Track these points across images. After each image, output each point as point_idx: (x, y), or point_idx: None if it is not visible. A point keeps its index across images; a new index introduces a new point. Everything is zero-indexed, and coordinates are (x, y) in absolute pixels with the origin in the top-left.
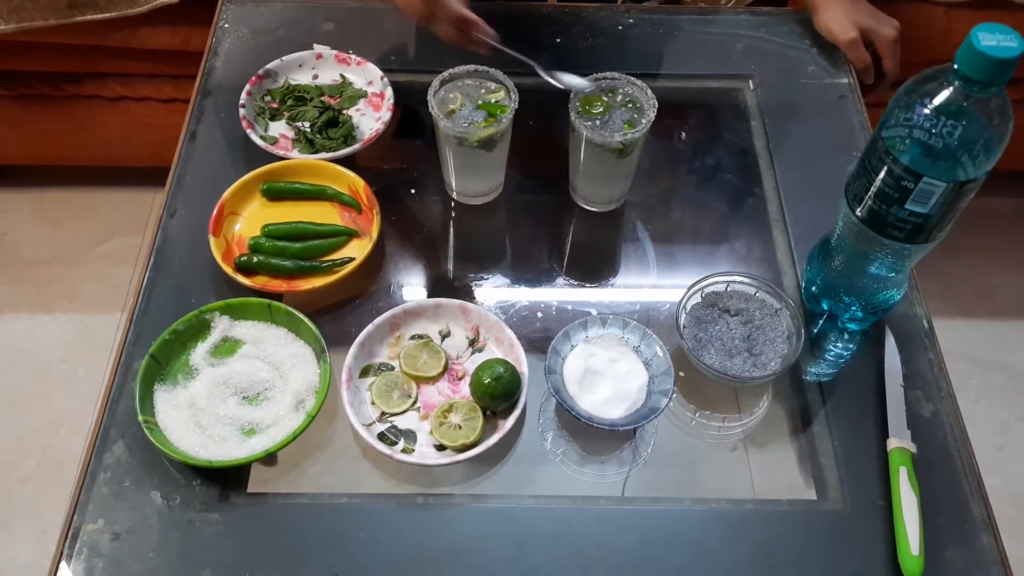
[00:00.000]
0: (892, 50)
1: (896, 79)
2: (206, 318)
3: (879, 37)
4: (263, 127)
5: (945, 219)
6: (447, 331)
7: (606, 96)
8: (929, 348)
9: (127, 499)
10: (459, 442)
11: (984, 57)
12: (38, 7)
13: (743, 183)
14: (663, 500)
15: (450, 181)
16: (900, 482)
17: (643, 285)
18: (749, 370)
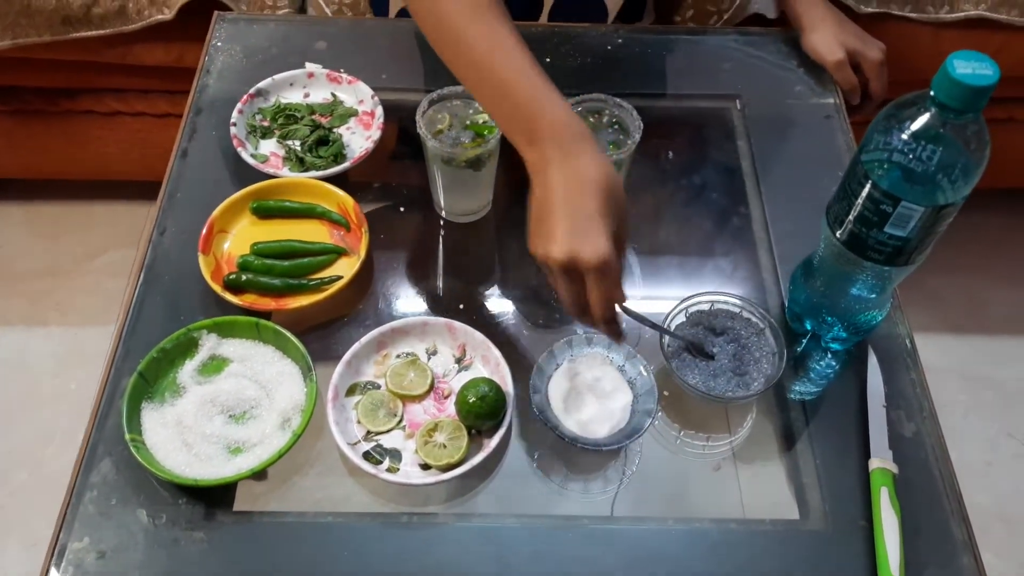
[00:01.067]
0: (879, 72)
1: (883, 100)
2: (194, 336)
3: (866, 59)
4: (254, 145)
5: (925, 242)
6: (434, 349)
7: (592, 118)
8: (912, 368)
9: (113, 517)
10: (444, 461)
11: (959, 85)
12: (33, 23)
13: (729, 202)
14: (647, 519)
15: (438, 200)
16: (881, 502)
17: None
18: (733, 389)
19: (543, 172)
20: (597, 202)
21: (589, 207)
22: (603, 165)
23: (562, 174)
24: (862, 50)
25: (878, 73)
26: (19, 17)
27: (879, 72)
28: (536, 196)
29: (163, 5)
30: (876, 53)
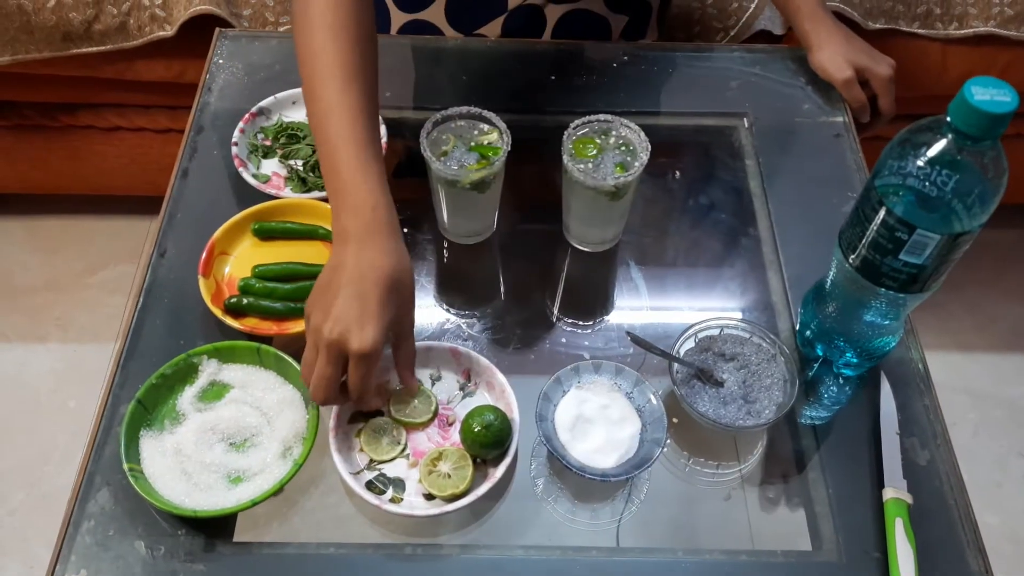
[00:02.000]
0: (888, 89)
1: (893, 116)
2: (194, 362)
3: (875, 76)
4: (256, 165)
5: (940, 270)
6: (438, 375)
7: (599, 138)
8: (925, 393)
9: (111, 548)
10: (448, 492)
11: (978, 112)
12: (33, 40)
13: (738, 223)
14: (655, 551)
15: (442, 221)
16: (896, 534)
17: (636, 328)
18: (743, 418)
19: (340, 247)
20: (379, 292)
21: (370, 298)
22: (396, 257)
23: (355, 256)
24: (871, 67)
25: (887, 89)
26: (19, 33)
27: (888, 88)
28: (329, 265)
29: (164, 21)
30: (885, 69)
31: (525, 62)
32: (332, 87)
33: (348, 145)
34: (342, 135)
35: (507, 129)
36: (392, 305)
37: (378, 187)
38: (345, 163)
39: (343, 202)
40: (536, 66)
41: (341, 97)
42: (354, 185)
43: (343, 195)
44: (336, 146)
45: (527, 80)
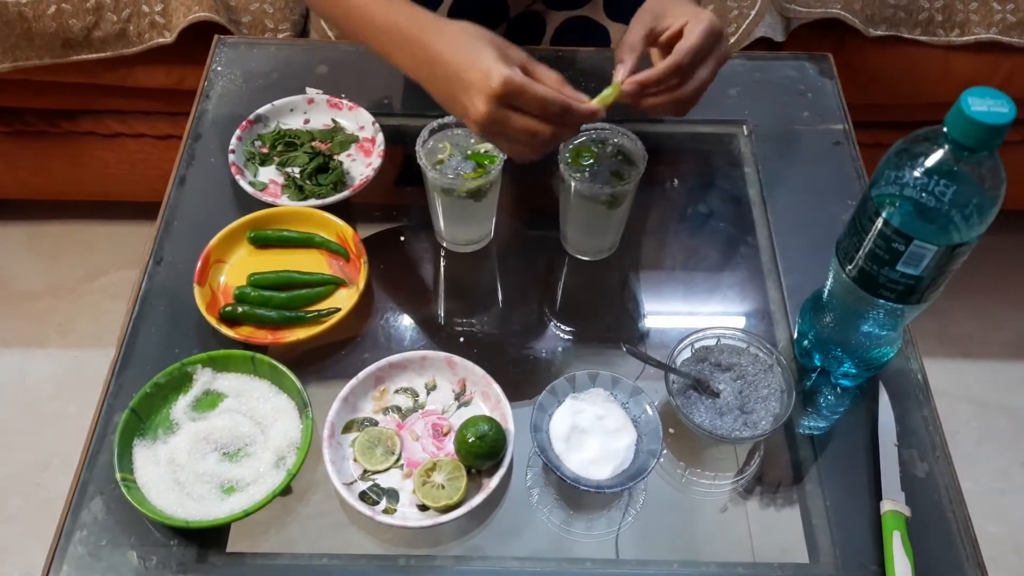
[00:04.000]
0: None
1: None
2: (188, 371)
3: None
4: (253, 172)
5: (938, 280)
6: (433, 384)
7: (596, 147)
8: (924, 404)
9: (103, 559)
10: (442, 503)
11: (975, 123)
12: (33, 47)
13: (736, 232)
14: (651, 563)
15: (439, 229)
16: (894, 547)
17: (634, 337)
18: (740, 429)
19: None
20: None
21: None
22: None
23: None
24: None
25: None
26: (20, 40)
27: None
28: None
29: (164, 28)
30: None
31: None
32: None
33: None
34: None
35: None
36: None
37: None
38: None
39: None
40: None
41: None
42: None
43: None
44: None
45: None
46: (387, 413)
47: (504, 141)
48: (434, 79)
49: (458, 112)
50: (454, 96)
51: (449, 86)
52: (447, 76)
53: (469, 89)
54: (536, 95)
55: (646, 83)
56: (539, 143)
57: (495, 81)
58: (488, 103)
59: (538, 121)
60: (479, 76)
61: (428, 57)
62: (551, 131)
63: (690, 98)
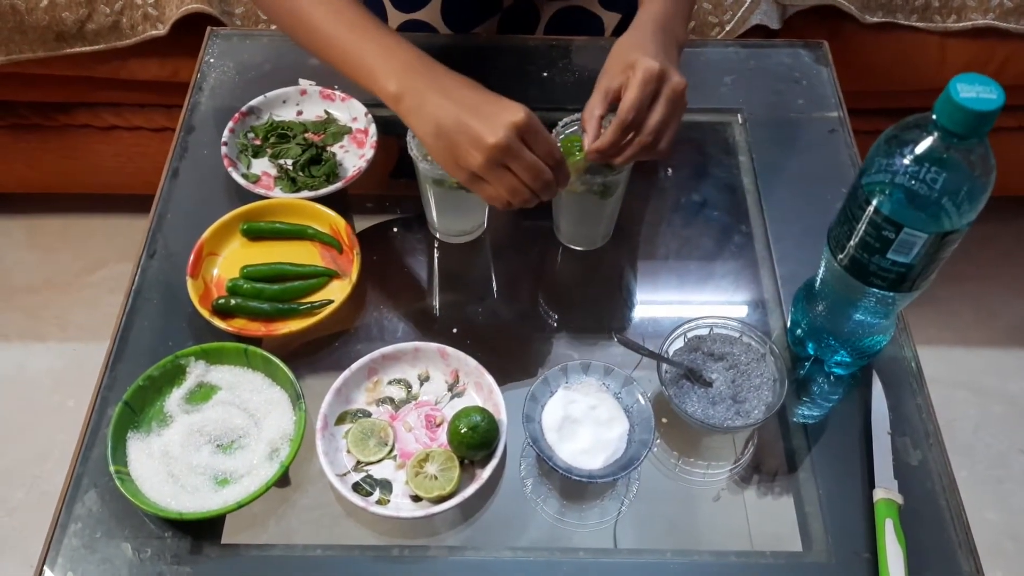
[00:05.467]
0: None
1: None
2: (181, 363)
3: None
4: (245, 164)
5: (929, 268)
6: (426, 375)
7: None
8: (918, 392)
9: (97, 551)
10: (435, 493)
11: (963, 110)
12: (27, 39)
13: (730, 220)
14: (644, 552)
15: (432, 220)
16: (886, 535)
17: (626, 327)
18: (732, 418)
19: (419, 101)
20: (482, 91)
21: (479, 95)
22: (462, 77)
23: (439, 90)
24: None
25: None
26: (13, 33)
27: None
28: (427, 127)
29: (157, 20)
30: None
31: (515, 58)
32: (323, 9)
33: (362, 31)
34: (355, 25)
35: None
36: (488, 92)
37: (407, 44)
38: (368, 43)
39: (384, 69)
40: (527, 62)
41: (334, 9)
42: (386, 50)
43: (380, 63)
44: (352, 35)
45: (517, 76)
46: (380, 404)
47: (498, 179)
48: (444, 107)
49: (463, 142)
50: (463, 125)
51: (462, 116)
52: (464, 106)
53: (491, 116)
54: (547, 137)
55: (602, 149)
56: (538, 184)
57: (521, 112)
58: (508, 130)
59: (542, 163)
60: (502, 107)
61: (439, 87)
62: (550, 176)
63: (652, 142)
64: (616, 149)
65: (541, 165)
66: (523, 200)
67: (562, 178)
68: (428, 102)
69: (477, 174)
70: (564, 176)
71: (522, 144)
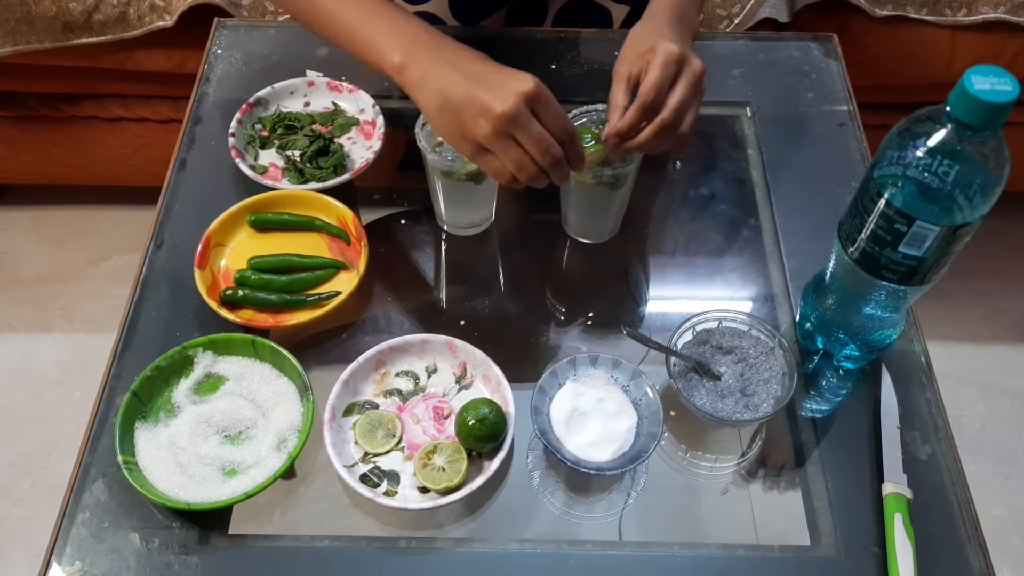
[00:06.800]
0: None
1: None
2: (189, 354)
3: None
4: (253, 156)
5: (941, 262)
6: (434, 367)
7: (597, 128)
8: (927, 387)
9: (105, 541)
10: (442, 485)
11: (977, 102)
12: (33, 30)
13: (739, 214)
14: (651, 545)
15: (440, 212)
16: (895, 529)
17: (635, 320)
18: (741, 412)
19: (425, 73)
20: (490, 62)
21: (487, 66)
22: (470, 49)
23: (446, 63)
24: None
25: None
26: (20, 24)
27: (659, 77)
28: (434, 100)
29: (164, 11)
30: (672, 60)
31: (524, 51)
32: None
33: (371, 6)
34: (346, 4)
35: None
36: (496, 64)
37: (413, 18)
38: (377, 19)
39: (390, 42)
40: (535, 55)
41: None
42: (390, 24)
43: (386, 38)
44: (361, 11)
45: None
46: (388, 396)
47: (504, 150)
48: (451, 78)
49: (470, 112)
50: (470, 95)
51: (470, 86)
52: (471, 76)
53: (499, 85)
54: (558, 109)
55: (621, 131)
56: (547, 159)
57: (530, 82)
58: (517, 98)
59: (551, 136)
60: (510, 76)
61: (445, 59)
62: (559, 152)
63: (674, 123)
64: (635, 132)
65: (550, 139)
66: (530, 176)
67: (574, 156)
68: (434, 74)
69: (483, 145)
70: (576, 154)
71: (531, 115)
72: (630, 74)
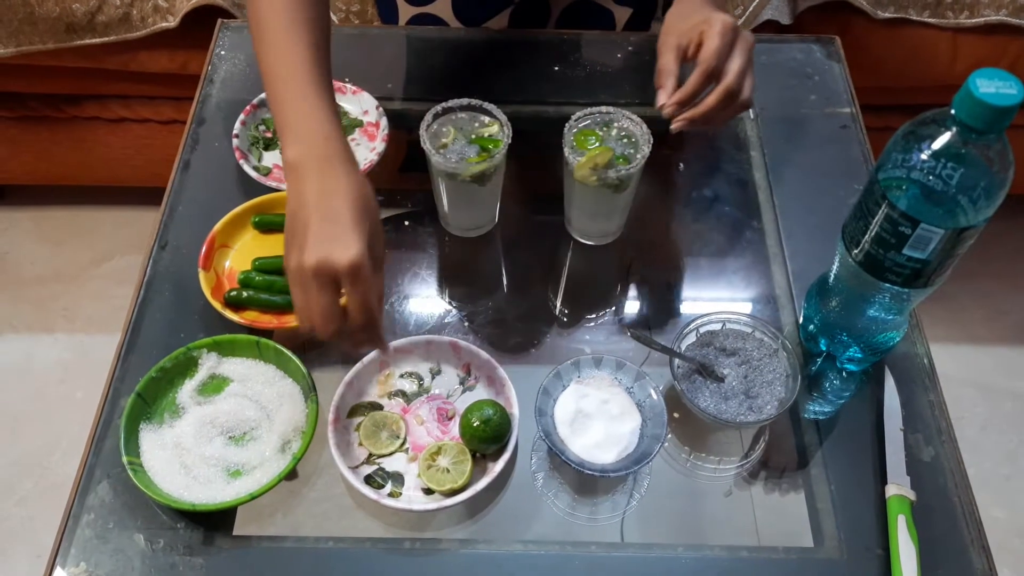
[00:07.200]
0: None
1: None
2: (194, 355)
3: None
4: (257, 157)
5: (945, 264)
6: (438, 369)
7: (601, 130)
8: (930, 389)
9: (110, 541)
10: (447, 486)
11: (983, 105)
12: (37, 31)
13: (742, 216)
14: (655, 547)
15: (444, 214)
16: (898, 531)
17: (638, 322)
18: (744, 414)
19: (297, 181)
20: (351, 211)
21: (343, 215)
22: (360, 181)
23: (317, 185)
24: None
25: (715, 56)
26: (23, 24)
27: (714, 53)
28: (290, 207)
29: (167, 12)
30: (725, 38)
31: (527, 53)
32: (280, 36)
33: (296, 77)
34: (292, 76)
35: (508, 121)
36: (365, 223)
37: (329, 118)
38: (294, 95)
39: (293, 134)
40: (538, 57)
41: (289, 42)
42: (305, 116)
43: (293, 126)
44: (284, 79)
45: (529, 71)
46: (392, 397)
47: (300, 293)
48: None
49: (296, 239)
50: (308, 227)
51: (315, 220)
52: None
53: (330, 239)
54: (366, 292)
55: (684, 100)
56: (325, 328)
57: (356, 254)
58: (325, 261)
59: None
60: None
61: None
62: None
63: (737, 86)
64: (695, 99)
65: (332, 313)
66: (310, 326)
67: (368, 339)
68: (303, 187)
69: (291, 276)
70: (372, 338)
71: (331, 283)
72: (679, 44)
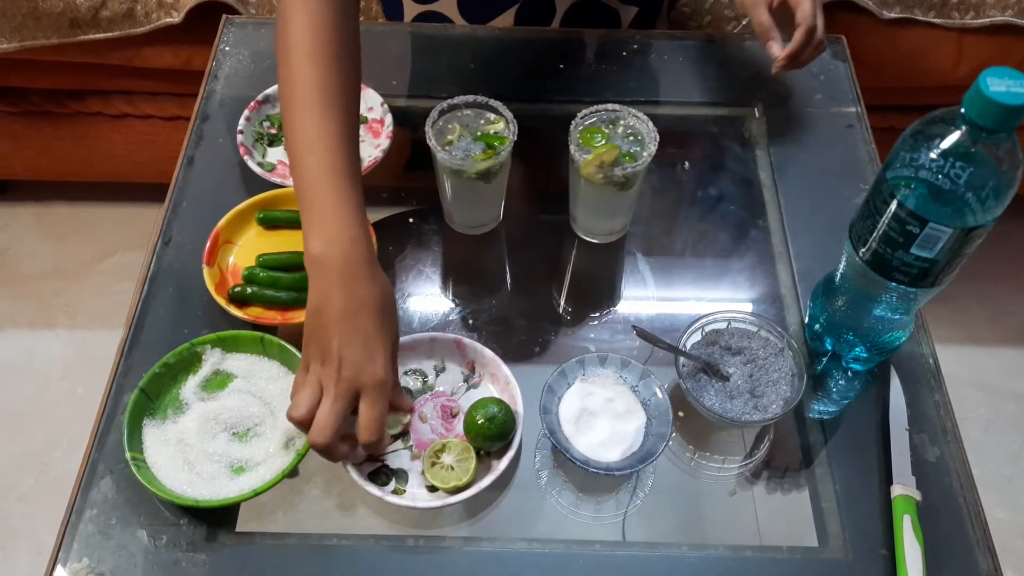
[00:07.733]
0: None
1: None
2: (197, 351)
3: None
4: (261, 153)
5: (953, 264)
6: (442, 366)
7: (607, 128)
8: (936, 389)
9: (113, 537)
10: (451, 484)
11: (993, 104)
12: (40, 26)
13: (747, 215)
14: (659, 545)
15: (448, 211)
16: (904, 531)
17: (644, 320)
18: (750, 413)
19: (322, 280)
20: (375, 323)
21: (368, 328)
22: (383, 290)
23: (343, 290)
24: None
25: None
26: (26, 19)
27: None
28: (314, 302)
29: (171, 8)
30: None
31: (533, 50)
32: (310, 116)
33: (327, 176)
34: (322, 166)
35: (514, 118)
36: (387, 333)
37: (358, 218)
38: (323, 186)
39: (320, 225)
40: (544, 54)
41: (320, 126)
42: (333, 211)
43: (319, 219)
44: (315, 176)
45: (535, 69)
46: None
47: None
48: (335, 305)
49: (322, 343)
50: (327, 330)
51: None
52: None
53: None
54: (377, 412)
55: (793, 55)
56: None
57: (381, 372)
58: (354, 372)
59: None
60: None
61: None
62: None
63: (813, 22)
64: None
65: (333, 426)
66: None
67: (349, 453)
68: (330, 289)
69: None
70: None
71: (349, 394)
72: (770, 3)
